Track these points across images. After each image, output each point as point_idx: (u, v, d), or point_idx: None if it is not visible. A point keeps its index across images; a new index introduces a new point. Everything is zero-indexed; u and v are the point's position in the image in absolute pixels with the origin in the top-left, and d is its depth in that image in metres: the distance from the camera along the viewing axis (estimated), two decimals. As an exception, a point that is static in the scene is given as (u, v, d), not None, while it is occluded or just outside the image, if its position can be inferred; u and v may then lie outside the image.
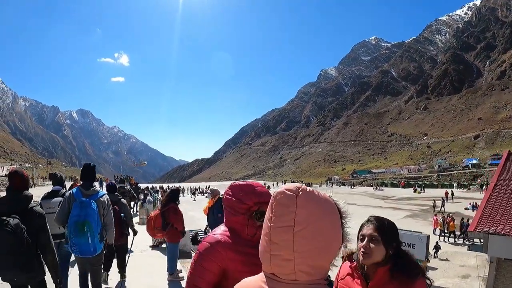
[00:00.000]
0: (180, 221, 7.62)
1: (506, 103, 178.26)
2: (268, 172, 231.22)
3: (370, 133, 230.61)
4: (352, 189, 75.36)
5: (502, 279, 10.02)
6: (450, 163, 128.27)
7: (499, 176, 12.90)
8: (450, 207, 39.08)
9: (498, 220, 10.22)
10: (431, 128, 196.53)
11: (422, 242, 12.86)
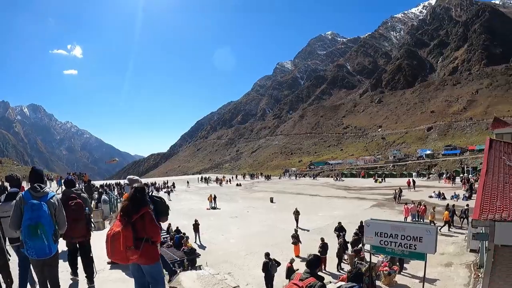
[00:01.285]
0: (159, 232, 5.33)
1: (457, 97, 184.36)
2: (225, 165, 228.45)
3: (325, 126, 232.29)
4: (314, 180, 73.74)
5: (500, 266, 9.77)
6: (405, 153, 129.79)
7: (488, 162, 12.81)
8: (414, 195, 38.32)
9: (500, 206, 9.80)
10: (386, 121, 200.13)
11: (431, 234, 10.85)
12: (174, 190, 56.13)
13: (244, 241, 22.14)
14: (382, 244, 11.46)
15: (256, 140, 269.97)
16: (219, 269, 16.53)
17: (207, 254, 19.19)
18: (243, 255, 19.08)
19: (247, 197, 47.74)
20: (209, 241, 22.57)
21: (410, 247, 11.00)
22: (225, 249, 20.39)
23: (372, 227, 11.72)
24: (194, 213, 33.23)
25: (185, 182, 70.07)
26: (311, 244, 20.15)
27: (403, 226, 11.36)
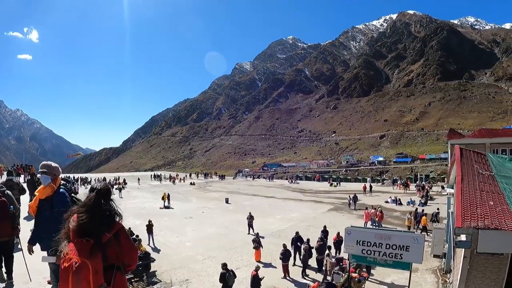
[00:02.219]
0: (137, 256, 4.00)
1: (410, 108, 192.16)
2: (178, 163, 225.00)
3: (280, 128, 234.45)
4: (268, 182, 73.31)
5: (474, 272, 9.64)
6: (358, 159, 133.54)
7: (462, 170, 12.45)
8: (370, 200, 38.50)
9: (481, 214, 9.49)
10: (340, 126, 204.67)
11: (418, 243, 10.39)
12: (126, 187, 53.77)
13: (201, 244, 20.89)
14: (364, 253, 10.90)
15: (210, 139, 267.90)
16: (176, 275, 15.38)
17: (162, 258, 17.79)
18: (200, 259, 17.83)
19: (202, 196, 46.42)
20: (164, 243, 21.08)
21: (396, 257, 10.52)
22: (181, 253, 19.00)
23: (353, 235, 11.13)
24: (147, 212, 31.66)
25: (136, 179, 67.61)
26: (271, 248, 19.38)
27: (389, 235, 10.82)
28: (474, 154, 14.56)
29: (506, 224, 8.86)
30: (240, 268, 15.86)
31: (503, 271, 9.52)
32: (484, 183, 11.48)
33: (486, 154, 14.88)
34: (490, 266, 9.62)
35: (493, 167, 13.13)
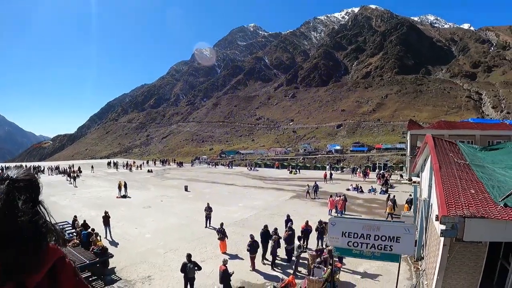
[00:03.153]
0: None
1: (368, 99, 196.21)
2: (134, 150, 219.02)
3: (238, 115, 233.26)
4: (228, 169, 72.55)
5: (453, 261, 9.69)
6: (315, 147, 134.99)
7: (438, 159, 12.40)
8: (331, 188, 38.55)
9: (465, 202, 9.52)
10: (298, 115, 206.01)
11: (409, 233, 9.85)
12: (80, 176, 51.37)
13: (162, 236, 19.86)
14: (350, 246, 10.31)
15: (167, 125, 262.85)
16: (137, 272, 14.39)
17: (120, 252, 16.64)
18: (162, 253, 16.84)
19: (160, 184, 45.06)
20: (122, 236, 19.86)
21: (385, 248, 10.02)
22: (141, 246, 17.88)
23: (338, 226, 10.52)
24: (103, 202, 30.24)
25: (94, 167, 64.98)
26: (236, 238, 18.75)
27: (378, 225, 10.30)
28: (447, 143, 14.45)
29: (491, 212, 8.85)
30: (205, 261, 15.07)
31: (481, 258, 9.63)
32: (461, 171, 11.36)
33: (458, 143, 14.74)
34: (469, 254, 9.67)
35: (466, 156, 13.01)
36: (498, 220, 8.57)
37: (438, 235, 10.79)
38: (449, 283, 9.98)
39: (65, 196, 33.62)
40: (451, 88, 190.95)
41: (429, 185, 14.46)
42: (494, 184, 10.43)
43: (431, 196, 14.22)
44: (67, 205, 29.35)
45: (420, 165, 19.97)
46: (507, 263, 10.16)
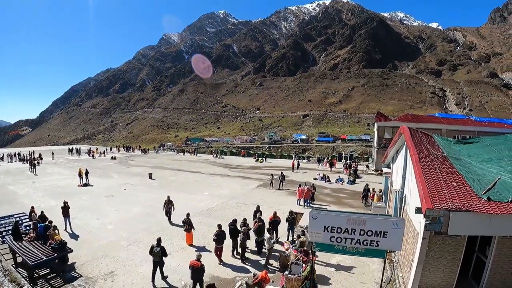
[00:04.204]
0: None
1: (334, 90, 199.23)
2: (98, 136, 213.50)
3: (205, 102, 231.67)
4: (193, 157, 71.54)
5: (432, 253, 9.62)
6: (281, 136, 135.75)
7: (417, 150, 12.16)
8: (299, 177, 38.50)
9: (449, 195, 9.36)
10: (264, 104, 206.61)
11: (398, 228, 9.46)
12: (41, 163, 49.23)
13: (125, 227, 19.04)
14: (333, 241, 9.78)
15: (132, 111, 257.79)
16: (99, 267, 13.67)
17: (81, 246, 15.77)
18: (125, 245, 16.07)
19: (123, 172, 43.72)
20: (82, 227, 18.87)
21: (371, 244, 9.56)
22: (102, 238, 17.00)
23: (320, 220, 9.86)
24: (63, 191, 28.98)
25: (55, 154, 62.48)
26: (203, 229, 18.21)
27: (363, 219, 9.72)
28: (423, 135, 14.38)
29: (476, 206, 8.78)
30: (171, 254, 14.44)
31: (459, 251, 9.62)
32: (440, 163, 11.28)
33: (433, 135, 14.71)
34: (448, 247, 9.61)
35: (442, 148, 12.96)
36: (483, 214, 8.53)
37: (414, 227, 11.07)
38: (426, 276, 9.92)
39: (24, 185, 31.98)
40: (417, 84, 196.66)
41: (403, 176, 14.40)
42: (474, 177, 10.39)
43: (405, 188, 14.17)
44: (25, 194, 27.88)
45: (391, 156, 20.02)
46: (484, 256, 10.16)
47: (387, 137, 43.84)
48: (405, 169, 14.32)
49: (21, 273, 13.30)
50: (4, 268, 13.66)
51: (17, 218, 17.99)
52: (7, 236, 15.44)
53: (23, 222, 17.69)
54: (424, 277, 9.93)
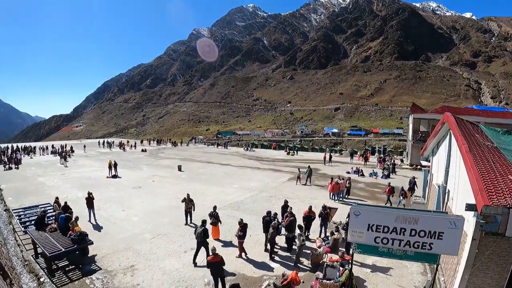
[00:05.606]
0: None
1: (366, 83, 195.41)
2: (130, 130, 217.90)
3: (236, 96, 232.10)
4: (224, 149, 71.07)
5: (481, 256, 8.19)
6: (312, 130, 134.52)
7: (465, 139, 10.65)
8: (330, 170, 37.19)
9: (507, 190, 7.83)
10: (295, 97, 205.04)
11: (456, 228, 7.96)
12: (73, 155, 49.84)
13: (150, 219, 18.45)
14: (378, 242, 8.40)
15: (164, 105, 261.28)
16: (120, 260, 13.00)
17: (103, 238, 15.30)
18: (149, 238, 15.42)
19: (153, 164, 43.54)
20: (107, 218, 18.41)
21: (423, 247, 8.13)
22: (126, 230, 16.47)
23: (364, 217, 8.48)
24: (92, 182, 28.89)
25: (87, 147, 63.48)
26: (230, 223, 17.28)
27: (415, 217, 8.20)
28: (470, 124, 12.86)
29: None
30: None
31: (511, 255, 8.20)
32: (492, 154, 9.84)
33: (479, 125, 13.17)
34: (498, 250, 8.18)
35: (491, 138, 11.48)
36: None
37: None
38: (473, 281, 8.53)
39: (53, 177, 32.13)
40: (451, 76, 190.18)
41: (446, 169, 12.99)
42: (531, 171, 8.82)
43: (448, 182, 12.77)
44: (54, 185, 27.87)
45: (431, 149, 18.51)
46: None
47: (422, 129, 41.84)
48: (449, 161, 12.87)
49: (40, 264, 12.95)
50: (24, 259, 13.36)
51: (42, 208, 17.74)
52: (30, 226, 15.19)
53: (48, 212, 17.40)
54: (471, 283, 8.60)
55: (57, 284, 11.45)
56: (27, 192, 24.99)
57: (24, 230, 15.42)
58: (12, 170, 36.52)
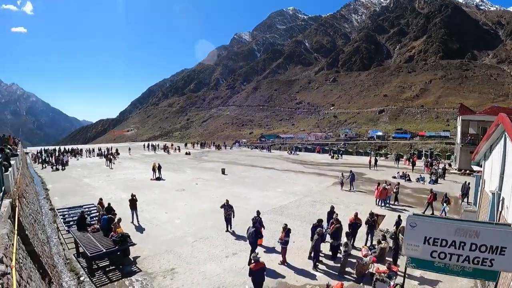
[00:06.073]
0: None
1: (411, 84, 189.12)
2: (175, 133, 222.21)
3: (279, 99, 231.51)
4: (267, 153, 70.65)
5: None
6: (356, 133, 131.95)
7: None
8: (376, 175, 35.94)
9: None
10: (339, 100, 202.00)
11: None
12: (118, 157, 51.18)
13: (193, 222, 18.26)
14: (435, 257, 7.51)
15: (207, 109, 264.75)
16: (160, 263, 12.77)
17: (145, 240, 15.23)
18: (190, 241, 15.17)
19: (196, 167, 43.82)
20: (150, 220, 18.40)
21: (483, 263, 7.15)
22: (168, 233, 16.33)
23: (420, 228, 7.57)
24: (136, 184, 29.28)
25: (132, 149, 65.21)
26: (273, 228, 16.65)
27: (476, 230, 7.21)
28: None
29: None
30: (237, 254, 13.33)
31: None
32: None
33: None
34: None
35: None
36: None
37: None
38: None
39: (99, 178, 32.96)
40: (498, 75, 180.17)
41: (501, 175, 11.75)
42: None
43: (502, 189, 11.53)
44: (99, 186, 28.53)
45: (483, 153, 17.07)
46: None
47: (472, 132, 39.56)
48: (503, 166, 11.62)
49: (81, 263, 13.13)
50: (66, 257, 13.65)
51: (86, 209, 18.05)
52: (74, 226, 15.42)
53: (91, 213, 17.66)
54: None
55: (97, 283, 11.50)
56: (72, 193, 25.68)
57: (67, 229, 15.75)
58: (59, 171, 37.93)
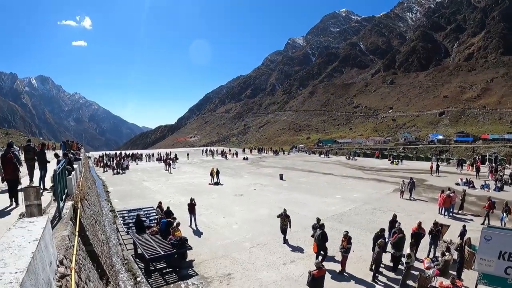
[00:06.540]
0: None
1: (472, 84, 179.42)
2: (232, 139, 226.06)
3: (335, 104, 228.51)
4: (325, 158, 69.50)
5: None
6: (416, 137, 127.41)
7: None
8: (438, 181, 34.15)
9: None
10: (397, 102, 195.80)
11: None
12: (177, 162, 52.57)
13: (250, 228, 18.14)
14: (510, 274, 6.90)
15: (264, 115, 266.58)
16: (217, 267, 12.70)
17: (203, 244, 15.31)
18: (248, 247, 15.03)
19: (254, 172, 43.91)
20: (208, 225, 18.53)
21: None
22: (225, 238, 16.35)
23: (495, 242, 6.95)
24: (194, 188, 29.84)
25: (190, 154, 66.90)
26: (333, 236, 15.88)
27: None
28: None
29: None
30: (295, 261, 12.96)
31: None
32: None
33: None
34: None
35: None
36: None
37: None
38: None
39: (158, 182, 34.04)
40: None
41: None
42: None
43: None
44: (158, 190, 29.44)
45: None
46: None
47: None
48: None
49: (138, 264, 13.53)
50: (124, 257, 14.18)
51: (145, 211, 18.60)
52: (133, 227, 15.92)
53: (150, 215, 18.15)
54: None
55: (153, 285, 11.73)
56: (132, 195, 26.66)
57: (126, 230, 16.42)
58: (119, 175, 39.70)
